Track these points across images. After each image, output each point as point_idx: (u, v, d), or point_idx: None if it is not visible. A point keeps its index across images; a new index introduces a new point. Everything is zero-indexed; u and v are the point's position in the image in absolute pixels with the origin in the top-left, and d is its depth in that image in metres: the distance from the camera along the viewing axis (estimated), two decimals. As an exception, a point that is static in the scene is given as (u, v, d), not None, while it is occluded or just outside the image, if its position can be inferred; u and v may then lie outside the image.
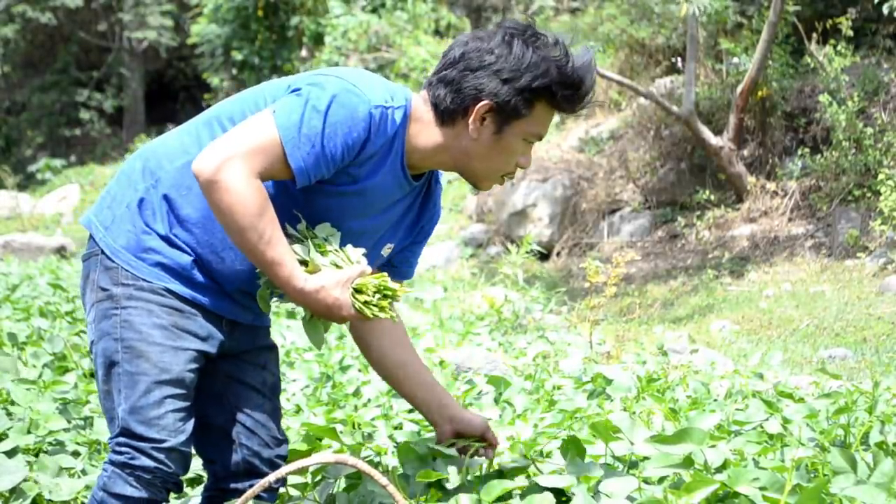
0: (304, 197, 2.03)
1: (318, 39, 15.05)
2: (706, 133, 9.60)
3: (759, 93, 9.75)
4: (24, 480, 2.45)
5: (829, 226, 8.97)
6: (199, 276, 2.07)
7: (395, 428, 3.20)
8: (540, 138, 2.08)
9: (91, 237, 2.12)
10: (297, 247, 1.99)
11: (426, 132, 2.05)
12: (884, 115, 9.08)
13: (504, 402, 3.51)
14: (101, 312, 2.07)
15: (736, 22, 10.51)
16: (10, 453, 2.64)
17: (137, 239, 2.05)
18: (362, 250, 2.06)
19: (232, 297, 2.12)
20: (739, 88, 9.54)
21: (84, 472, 2.73)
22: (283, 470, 1.75)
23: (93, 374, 3.85)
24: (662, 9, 10.87)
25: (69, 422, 3.04)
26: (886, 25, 9.72)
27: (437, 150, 2.06)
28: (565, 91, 2.02)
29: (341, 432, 2.81)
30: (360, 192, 2.04)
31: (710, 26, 10.48)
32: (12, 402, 3.03)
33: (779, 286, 8.09)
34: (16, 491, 2.43)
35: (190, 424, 2.08)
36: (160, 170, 2.06)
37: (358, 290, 1.97)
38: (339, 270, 1.97)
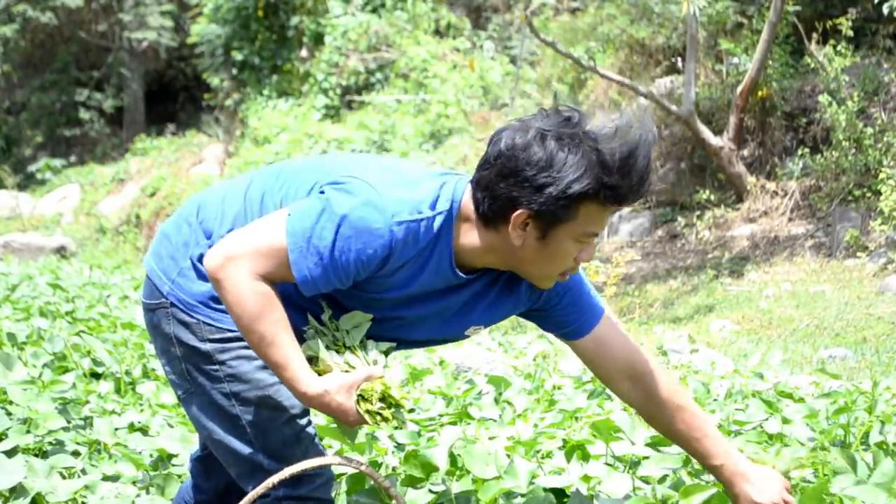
0: (339, 293, 1.95)
1: (318, 39, 15.04)
2: (706, 133, 9.60)
3: (759, 93, 9.75)
4: (24, 480, 2.45)
5: (829, 226, 8.97)
6: None
7: (396, 428, 3.19)
8: (596, 235, 1.90)
9: (154, 285, 2.07)
10: (311, 343, 1.93)
11: (474, 232, 1.91)
12: (884, 115, 9.08)
13: (504, 402, 3.51)
14: (192, 369, 2.03)
15: (736, 22, 10.51)
16: (10, 453, 2.64)
17: (212, 291, 2.00)
18: (384, 346, 1.97)
19: None
20: (739, 88, 9.54)
21: (84, 471, 2.73)
22: (286, 471, 1.74)
23: (93, 374, 3.87)
24: (662, 9, 10.87)
25: (69, 422, 3.04)
26: (886, 25, 9.71)
27: (486, 251, 1.92)
28: (608, 191, 1.83)
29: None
30: (397, 298, 1.95)
31: (710, 26, 10.48)
32: (11, 402, 3.02)
33: (779, 286, 8.09)
34: (16, 491, 2.43)
35: (321, 446, 2.07)
36: (214, 234, 2.02)
37: (363, 397, 1.87)
38: (345, 374, 1.88)
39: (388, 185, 1.87)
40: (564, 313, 2.08)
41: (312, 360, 1.91)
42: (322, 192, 1.89)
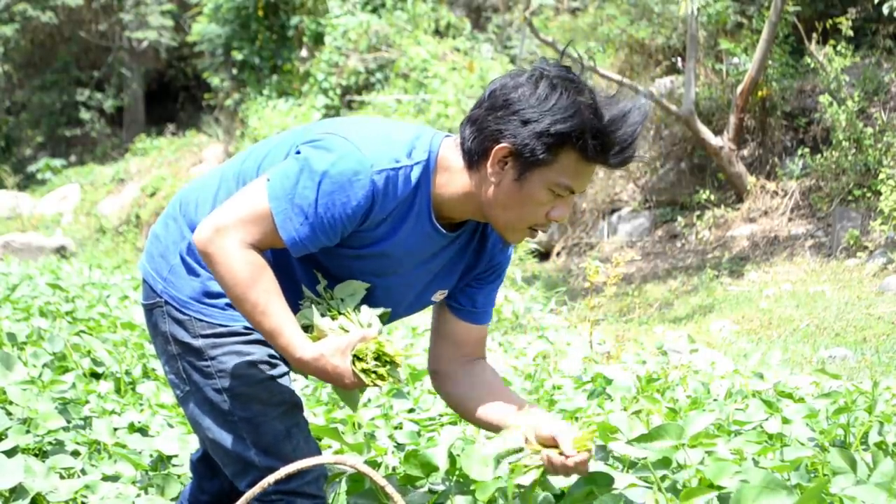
0: (325, 258, 1.96)
1: (318, 39, 15.03)
2: (706, 133, 9.60)
3: (759, 93, 9.75)
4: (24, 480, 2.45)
5: (829, 226, 8.97)
6: None
7: (396, 428, 3.19)
8: (571, 191, 1.89)
9: (148, 285, 2.08)
10: (305, 311, 1.94)
11: (454, 180, 1.92)
12: (884, 115, 9.08)
13: (504, 402, 3.49)
14: (187, 366, 2.03)
15: (736, 22, 10.51)
16: (10, 453, 2.64)
17: (203, 286, 2.02)
18: (378, 311, 1.97)
19: None
20: (739, 88, 9.54)
21: (84, 471, 2.73)
22: (283, 471, 1.74)
23: (93, 374, 3.87)
24: (662, 9, 10.87)
25: (69, 422, 3.03)
26: (886, 25, 9.72)
27: (464, 198, 1.93)
28: (593, 140, 1.82)
29: (342, 432, 2.81)
30: (382, 253, 1.95)
31: (710, 26, 10.48)
32: (11, 402, 3.02)
33: (779, 286, 8.09)
34: (16, 491, 2.43)
35: (314, 441, 2.07)
36: (197, 224, 2.01)
37: (358, 357, 1.89)
38: (339, 337, 1.89)
39: (363, 138, 1.88)
40: (486, 291, 2.13)
41: (308, 328, 1.92)
42: (298, 153, 1.89)
